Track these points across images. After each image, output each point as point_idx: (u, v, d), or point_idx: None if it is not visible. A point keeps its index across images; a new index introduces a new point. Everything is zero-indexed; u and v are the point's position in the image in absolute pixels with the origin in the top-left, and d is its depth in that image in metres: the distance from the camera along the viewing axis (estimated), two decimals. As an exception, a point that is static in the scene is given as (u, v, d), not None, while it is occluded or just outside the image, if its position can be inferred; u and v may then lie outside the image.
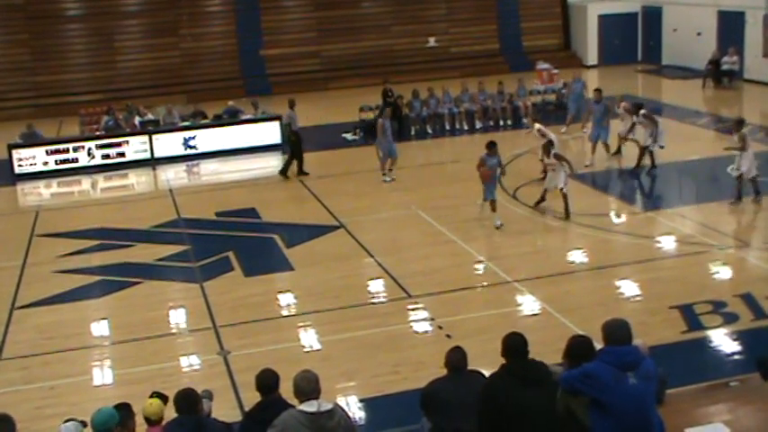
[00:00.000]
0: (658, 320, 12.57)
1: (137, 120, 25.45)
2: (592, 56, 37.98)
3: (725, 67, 30.62)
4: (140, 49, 35.11)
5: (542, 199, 17.98)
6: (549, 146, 17.87)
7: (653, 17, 37.24)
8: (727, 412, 7.63)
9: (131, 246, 17.43)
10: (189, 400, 7.17)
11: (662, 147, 20.12)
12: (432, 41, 37.21)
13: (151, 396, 7.82)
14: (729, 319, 12.60)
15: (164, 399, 7.82)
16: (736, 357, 11.64)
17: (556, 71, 30.21)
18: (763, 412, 7.88)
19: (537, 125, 18.15)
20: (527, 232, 16.88)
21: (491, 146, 16.87)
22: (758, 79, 30.58)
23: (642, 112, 20.59)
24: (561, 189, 17.42)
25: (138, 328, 13.40)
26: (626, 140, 21.34)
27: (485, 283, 14.61)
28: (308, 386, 6.54)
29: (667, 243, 16.11)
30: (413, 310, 13.58)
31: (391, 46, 36.77)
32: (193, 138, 24.87)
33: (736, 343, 11.99)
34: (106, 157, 24.15)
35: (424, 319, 13.25)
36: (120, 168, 24.05)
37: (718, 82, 31.04)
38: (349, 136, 26.45)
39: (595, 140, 20.82)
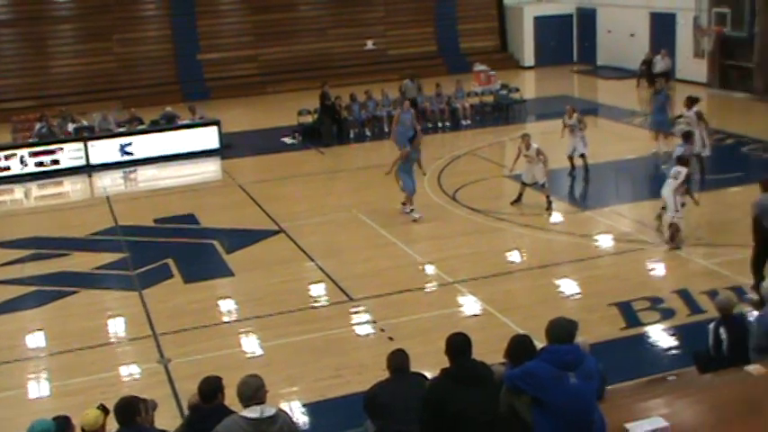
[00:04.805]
0: (597, 318, 12.73)
1: (71, 126, 25.04)
2: (528, 57, 38.32)
3: (658, 67, 31.08)
4: (73, 55, 34.53)
5: (520, 196, 18.28)
6: (528, 138, 18.13)
7: (587, 19, 37.73)
8: (665, 406, 7.73)
9: (67, 255, 17.12)
10: (126, 411, 7.07)
11: (707, 155, 18.65)
12: (369, 44, 37.25)
13: (96, 408, 7.69)
14: (666, 314, 12.81)
15: (105, 411, 7.68)
16: (674, 352, 11.83)
17: (493, 73, 30.43)
18: (700, 404, 8.02)
19: (534, 144, 18.04)
20: (467, 233, 16.94)
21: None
22: (689, 79, 31.13)
23: (695, 109, 19.57)
24: (543, 184, 17.85)
25: (75, 339, 13.16)
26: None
27: (426, 285, 14.64)
28: (248, 391, 6.49)
29: (605, 241, 16.32)
30: (354, 313, 13.56)
31: (329, 49, 36.71)
32: (130, 144, 24.56)
33: (674, 338, 12.20)
34: (39, 164, 23.73)
35: (365, 322, 13.24)
36: (54, 176, 23.64)
37: (651, 82, 31.50)
38: (288, 140, 26.34)
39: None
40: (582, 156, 20.27)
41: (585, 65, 37.55)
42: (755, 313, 10.84)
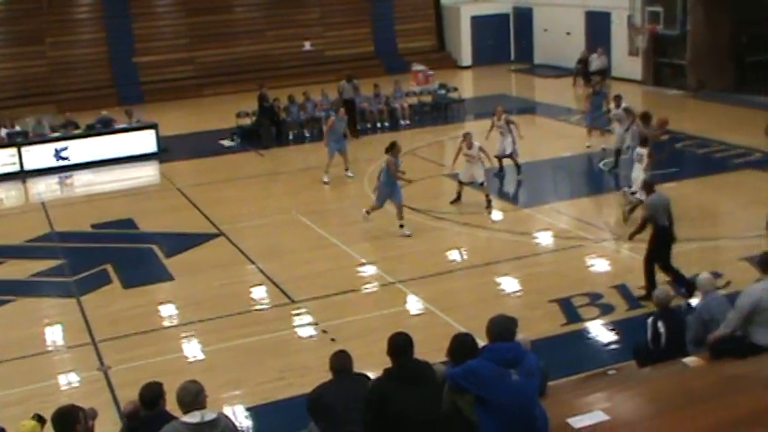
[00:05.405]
0: (539, 314, 12.84)
1: (3, 132, 24.54)
2: (466, 57, 38.53)
3: (594, 65, 31.49)
4: (5, 58, 33.67)
5: (458, 196, 18.28)
6: (470, 137, 18.06)
7: (524, 18, 38.05)
8: (605, 400, 7.84)
9: (2, 262, 16.80)
10: (64, 420, 6.93)
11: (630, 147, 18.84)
12: (307, 45, 37.13)
13: (32, 418, 7.55)
14: (606, 310, 12.96)
15: (42, 421, 7.54)
16: (613, 347, 11.99)
17: (431, 72, 30.58)
18: (640, 397, 8.14)
19: (476, 143, 18.02)
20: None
21: None
22: (624, 76, 31.57)
23: (624, 105, 20.09)
24: (482, 183, 17.87)
25: (11, 348, 12.90)
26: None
27: (368, 286, 14.64)
28: (188, 397, 6.43)
29: (544, 238, 16.48)
30: (296, 315, 13.52)
31: (266, 51, 36.49)
32: (65, 149, 24.15)
33: (613, 333, 12.35)
34: (-29, 171, 23.25)
35: (308, 324, 13.20)
36: (-13, 183, 23.16)
37: (587, 80, 31.89)
38: (226, 142, 26.13)
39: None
40: (510, 155, 20.29)
41: (523, 64, 37.86)
42: (693, 303, 11.07)
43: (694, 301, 11.17)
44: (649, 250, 13.12)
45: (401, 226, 16.70)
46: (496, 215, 17.87)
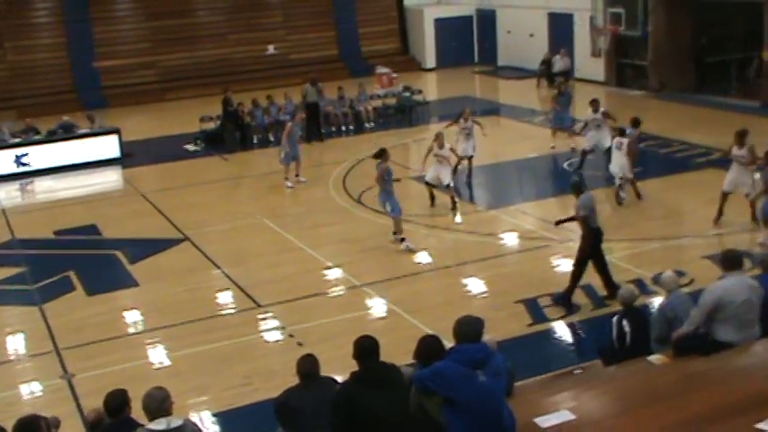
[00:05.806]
0: (505, 315, 12.88)
1: (-38, 138, 24.27)
2: (430, 59, 38.60)
3: (557, 67, 31.68)
4: (-38, 65, 33.43)
5: (432, 197, 18.28)
6: (442, 136, 18.07)
7: (487, 20, 38.18)
8: (571, 399, 7.88)
9: (-38, 270, 16.59)
10: (25, 430, 6.84)
11: (608, 148, 19.15)
12: (270, 49, 37.01)
13: None
14: (571, 310, 13.02)
15: None
16: (580, 346, 12.05)
17: (395, 75, 30.61)
18: (605, 395, 8.19)
19: (448, 144, 17.99)
20: (373, 235, 16.93)
21: None
22: (587, 78, 31.81)
23: (602, 110, 20.24)
24: (448, 185, 17.88)
25: (-28, 357, 12.75)
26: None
27: (334, 289, 14.61)
28: (153, 404, 6.38)
29: (510, 239, 16.54)
30: (263, 319, 13.46)
31: (229, 54, 36.32)
32: (26, 155, 23.89)
33: (579, 332, 12.42)
34: (-70, 178, 22.94)
35: (274, 328, 13.15)
36: (-54, 190, 22.84)
37: (551, 81, 32.08)
38: (190, 147, 26.00)
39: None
40: (470, 157, 20.25)
41: (486, 65, 37.98)
42: (656, 304, 11.16)
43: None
44: (589, 255, 13.13)
45: (402, 239, 16.12)
46: (462, 217, 17.90)
